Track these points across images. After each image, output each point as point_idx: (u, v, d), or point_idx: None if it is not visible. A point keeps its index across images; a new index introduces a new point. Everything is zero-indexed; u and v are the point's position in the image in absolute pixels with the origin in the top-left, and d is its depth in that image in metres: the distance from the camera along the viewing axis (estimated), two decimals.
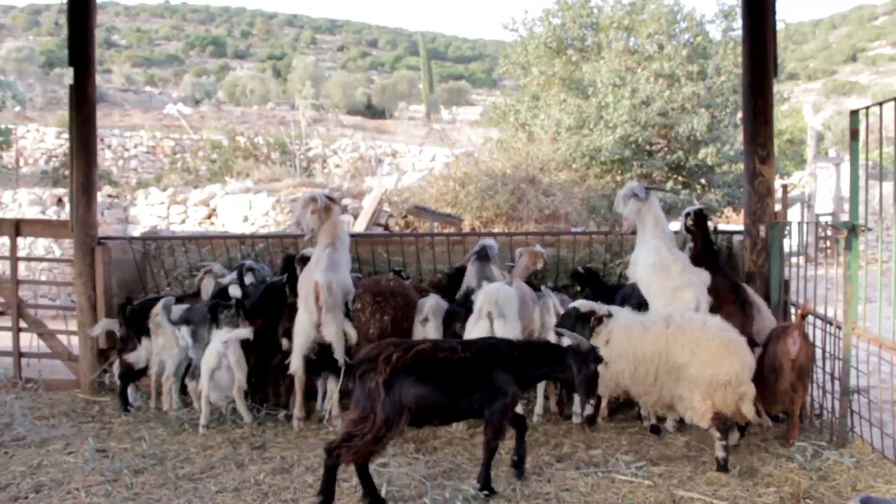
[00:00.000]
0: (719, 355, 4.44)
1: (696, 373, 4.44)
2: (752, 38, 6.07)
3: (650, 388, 4.63)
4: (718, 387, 4.39)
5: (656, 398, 4.69)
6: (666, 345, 4.56)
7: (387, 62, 76.56)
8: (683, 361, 4.49)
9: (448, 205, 14.61)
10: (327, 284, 5.27)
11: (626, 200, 5.68)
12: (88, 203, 6.64)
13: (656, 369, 4.58)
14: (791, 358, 4.70)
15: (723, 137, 18.42)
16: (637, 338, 4.66)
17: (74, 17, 6.55)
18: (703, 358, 4.45)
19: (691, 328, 4.58)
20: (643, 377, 4.61)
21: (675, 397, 4.58)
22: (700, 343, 4.50)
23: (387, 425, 3.68)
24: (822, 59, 74.29)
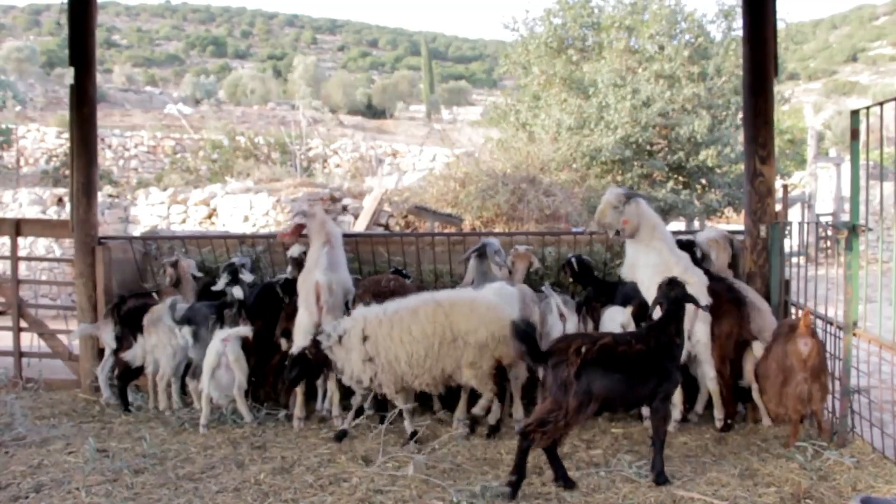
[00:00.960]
0: (500, 315, 4.83)
1: (485, 335, 4.79)
2: (753, 39, 6.06)
3: (433, 364, 4.82)
4: (507, 341, 4.62)
5: (437, 373, 4.86)
6: (446, 318, 4.81)
7: (387, 62, 76.66)
8: (470, 328, 4.79)
9: (448, 205, 14.62)
10: (328, 284, 5.28)
11: (618, 206, 5.61)
12: (89, 203, 6.64)
13: (439, 344, 4.78)
14: (802, 358, 4.69)
15: (723, 138, 18.42)
16: (409, 320, 4.82)
17: (75, 17, 6.55)
18: (488, 318, 4.81)
19: (463, 298, 4.97)
20: (424, 355, 4.79)
21: (464, 365, 4.83)
22: (479, 308, 4.87)
23: (577, 412, 3.96)
24: (822, 59, 74.32)
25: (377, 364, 4.82)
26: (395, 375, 4.86)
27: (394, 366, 4.82)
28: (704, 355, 5.21)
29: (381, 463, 4.49)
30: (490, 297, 5.09)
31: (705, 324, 5.18)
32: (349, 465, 4.50)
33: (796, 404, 4.73)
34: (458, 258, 6.84)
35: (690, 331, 5.13)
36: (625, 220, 5.60)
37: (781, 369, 4.75)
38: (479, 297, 5.04)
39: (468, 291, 5.20)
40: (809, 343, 4.67)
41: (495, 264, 5.93)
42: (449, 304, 4.90)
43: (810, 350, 4.67)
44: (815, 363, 4.69)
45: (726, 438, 5.05)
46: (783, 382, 4.74)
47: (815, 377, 4.69)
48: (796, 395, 4.70)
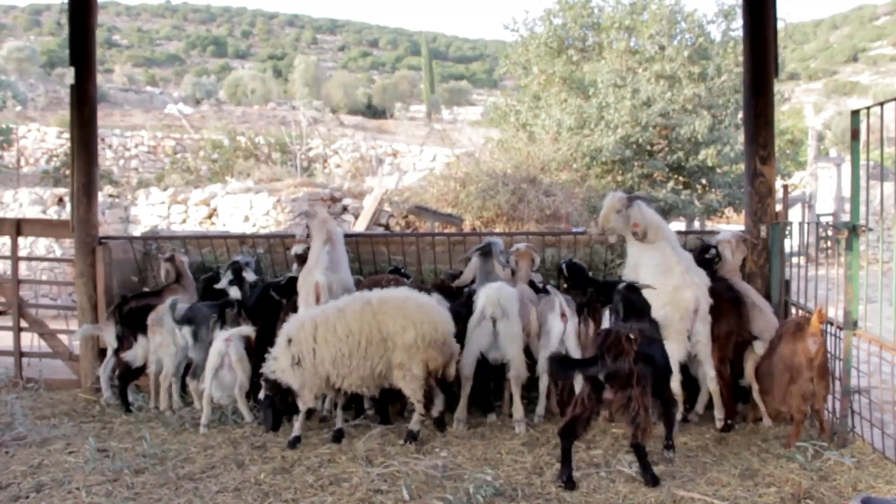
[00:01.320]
0: (431, 317, 4.77)
1: (413, 337, 4.70)
2: (753, 39, 6.07)
3: (360, 364, 4.78)
4: (437, 347, 4.74)
5: (365, 373, 4.82)
6: (374, 317, 4.74)
7: (388, 62, 76.67)
8: (398, 329, 4.72)
9: (449, 205, 14.62)
10: (328, 285, 5.28)
11: (621, 210, 5.59)
12: (89, 203, 6.65)
13: (366, 345, 4.73)
14: (810, 357, 4.68)
15: (723, 138, 18.41)
16: (335, 320, 4.78)
17: (75, 17, 6.55)
18: (418, 320, 4.72)
19: (395, 298, 4.86)
20: (350, 356, 4.75)
21: (393, 366, 4.78)
22: (409, 308, 4.77)
23: (643, 395, 4.07)
24: (822, 59, 74.31)
25: (304, 367, 4.81)
26: (321, 378, 4.83)
27: (319, 368, 4.79)
28: (704, 355, 5.21)
29: (381, 462, 4.49)
30: (424, 297, 4.98)
31: (705, 324, 5.17)
32: (349, 465, 4.50)
33: (800, 403, 4.73)
34: (459, 258, 6.85)
35: (690, 331, 5.14)
36: (635, 224, 5.58)
37: (788, 368, 4.74)
38: (412, 296, 4.92)
39: (401, 290, 5.05)
40: (818, 342, 4.68)
41: (500, 264, 5.93)
42: (378, 303, 4.83)
43: (819, 349, 4.67)
44: (821, 362, 4.70)
45: (727, 438, 5.04)
46: (790, 381, 4.74)
47: (820, 376, 4.70)
48: (801, 393, 4.71)
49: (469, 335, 5.27)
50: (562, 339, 5.40)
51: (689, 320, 5.12)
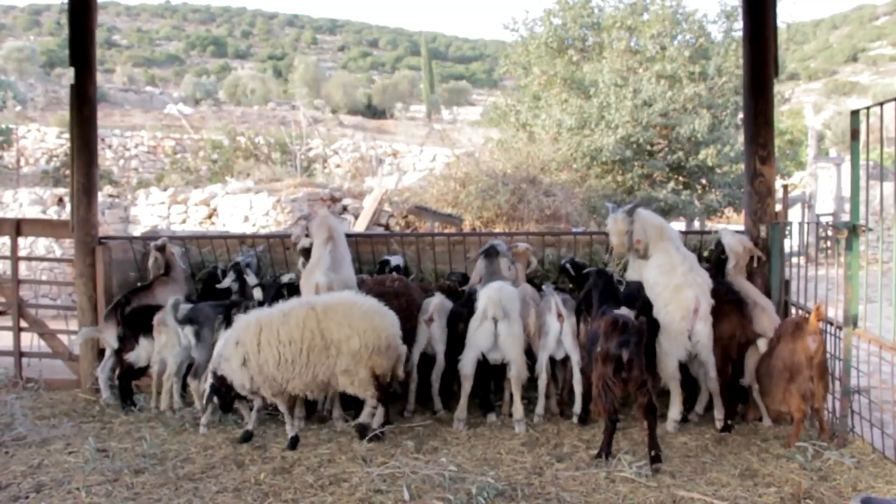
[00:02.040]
0: (375, 323, 4.75)
1: (357, 344, 4.69)
2: (753, 39, 6.07)
3: (301, 370, 4.77)
4: (381, 353, 4.74)
5: (309, 379, 4.80)
6: (318, 324, 4.72)
7: (387, 62, 76.66)
8: (342, 336, 4.70)
9: (449, 205, 14.62)
10: (328, 286, 5.26)
11: (630, 229, 5.58)
12: (89, 203, 6.65)
13: (308, 350, 4.71)
14: (810, 356, 4.68)
15: (724, 138, 18.41)
16: (277, 324, 4.78)
17: (75, 17, 6.55)
18: (362, 328, 4.70)
19: (339, 304, 4.82)
20: (292, 361, 4.74)
21: (338, 372, 4.76)
22: (354, 316, 4.75)
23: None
24: (822, 59, 74.30)
25: (250, 368, 4.82)
26: (268, 379, 4.84)
27: (264, 370, 4.80)
28: (706, 355, 5.20)
29: (381, 463, 4.49)
30: (371, 303, 4.92)
31: (706, 324, 5.17)
32: (349, 465, 4.50)
33: (800, 402, 4.73)
34: (459, 258, 6.85)
35: (691, 331, 5.13)
36: (637, 241, 5.59)
37: (787, 367, 4.74)
38: (358, 303, 4.88)
39: (347, 296, 5.01)
40: (818, 340, 4.68)
41: (507, 264, 5.95)
42: (322, 309, 4.80)
43: (818, 347, 4.68)
44: (820, 361, 4.71)
45: (726, 438, 5.04)
46: (789, 380, 4.74)
47: (820, 375, 4.71)
48: (801, 392, 4.70)
49: (470, 335, 5.28)
50: (559, 338, 5.40)
51: (690, 320, 5.12)
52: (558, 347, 5.44)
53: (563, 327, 5.39)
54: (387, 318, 4.87)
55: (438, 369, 5.63)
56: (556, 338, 5.41)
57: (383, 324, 4.80)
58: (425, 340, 5.63)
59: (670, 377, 5.20)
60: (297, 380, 4.81)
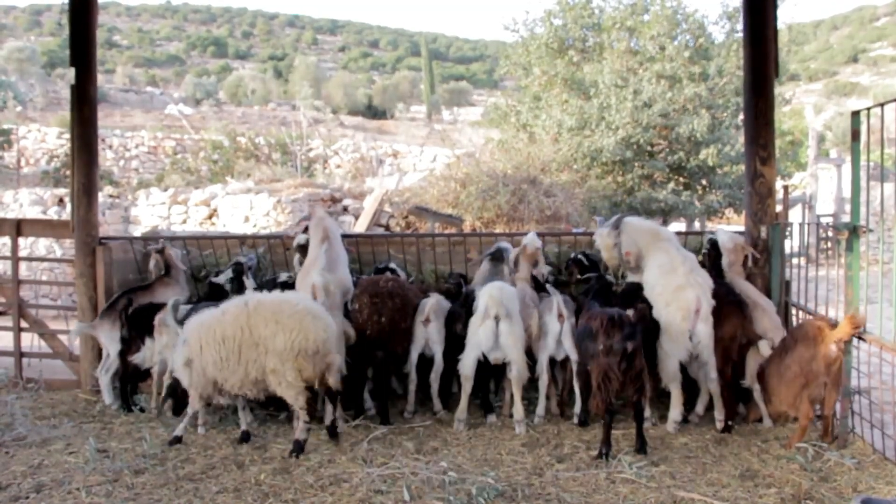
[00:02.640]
0: (304, 324, 4.62)
1: (283, 343, 4.59)
2: (753, 39, 6.07)
3: (235, 367, 4.74)
4: (308, 356, 4.61)
5: (242, 377, 4.76)
6: (247, 320, 4.69)
7: (388, 63, 76.69)
8: (268, 333, 4.64)
9: (449, 205, 14.61)
10: (324, 286, 5.26)
11: (616, 242, 5.62)
12: (89, 203, 6.64)
13: (239, 347, 4.69)
14: (830, 363, 4.63)
15: (724, 138, 18.42)
16: (215, 324, 4.77)
17: (76, 18, 6.55)
18: (289, 327, 4.61)
19: (271, 302, 4.77)
20: (227, 358, 4.72)
21: (266, 371, 4.70)
22: (283, 314, 4.66)
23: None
24: (823, 60, 74.30)
25: (193, 367, 4.84)
26: (207, 379, 4.84)
27: (205, 369, 4.81)
28: (706, 356, 5.19)
29: (381, 463, 4.49)
30: (306, 305, 4.82)
31: (707, 324, 5.16)
32: (349, 466, 4.50)
33: (809, 409, 4.69)
34: (459, 259, 6.85)
35: (692, 331, 5.13)
36: (627, 253, 5.61)
37: (804, 372, 4.67)
38: (290, 303, 4.79)
39: (283, 295, 4.95)
40: (840, 347, 4.61)
41: (509, 269, 5.97)
42: (253, 307, 4.76)
43: (839, 354, 4.62)
44: (838, 368, 4.64)
45: (727, 439, 5.04)
46: (803, 385, 4.68)
47: (835, 382, 4.64)
48: (812, 398, 4.67)
49: (471, 335, 5.28)
50: (559, 339, 5.40)
51: (691, 320, 5.12)
52: (558, 348, 5.44)
53: (564, 328, 5.39)
54: (320, 322, 4.74)
55: (437, 370, 5.62)
56: (556, 338, 5.40)
57: (314, 327, 4.68)
58: (423, 341, 5.62)
59: (671, 378, 5.20)
60: (232, 378, 4.79)
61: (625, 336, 4.58)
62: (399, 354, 5.57)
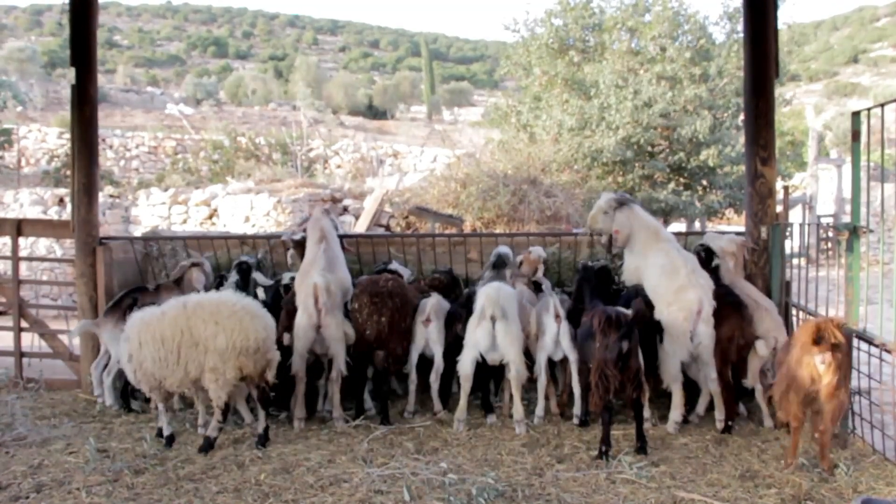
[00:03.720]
0: (244, 324, 4.72)
1: (224, 343, 4.68)
2: (754, 40, 6.07)
3: (175, 367, 4.81)
4: (249, 354, 4.71)
5: (182, 376, 4.83)
6: (187, 322, 4.76)
7: (388, 63, 76.69)
8: (209, 334, 4.72)
9: (449, 205, 14.62)
10: (325, 286, 5.26)
11: (608, 211, 5.66)
12: (90, 203, 6.65)
13: (178, 348, 4.76)
14: (817, 374, 4.55)
15: (724, 139, 18.42)
16: (154, 323, 4.83)
17: (76, 18, 6.56)
18: (229, 327, 4.70)
19: (210, 303, 4.86)
20: (165, 358, 4.79)
21: (204, 370, 4.77)
22: (222, 314, 4.74)
23: None
24: (823, 60, 74.28)
25: (133, 363, 4.91)
26: (147, 375, 4.91)
27: (144, 366, 4.87)
28: (707, 357, 5.20)
29: (381, 463, 4.49)
30: (244, 304, 4.88)
31: (708, 325, 5.16)
32: (350, 466, 4.50)
33: (796, 416, 4.61)
34: (460, 259, 6.86)
35: (693, 332, 5.13)
36: (616, 230, 5.62)
37: (788, 375, 4.62)
38: (229, 302, 4.86)
39: (221, 295, 5.06)
40: (826, 360, 4.29)
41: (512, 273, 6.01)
42: (192, 307, 4.84)
43: (829, 367, 4.43)
44: (831, 381, 4.32)
45: (727, 440, 5.04)
46: (788, 387, 4.64)
47: (829, 396, 4.47)
48: (803, 404, 4.61)
49: (469, 335, 5.28)
50: (556, 339, 5.41)
51: (693, 321, 5.12)
52: (556, 348, 5.44)
53: (561, 328, 5.39)
54: (258, 321, 4.82)
55: (437, 370, 5.63)
56: (554, 339, 5.41)
57: (253, 325, 4.76)
58: (423, 341, 5.63)
59: (673, 379, 5.20)
60: (171, 377, 4.85)
61: (621, 336, 4.60)
62: (399, 354, 5.57)
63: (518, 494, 4.04)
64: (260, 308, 4.93)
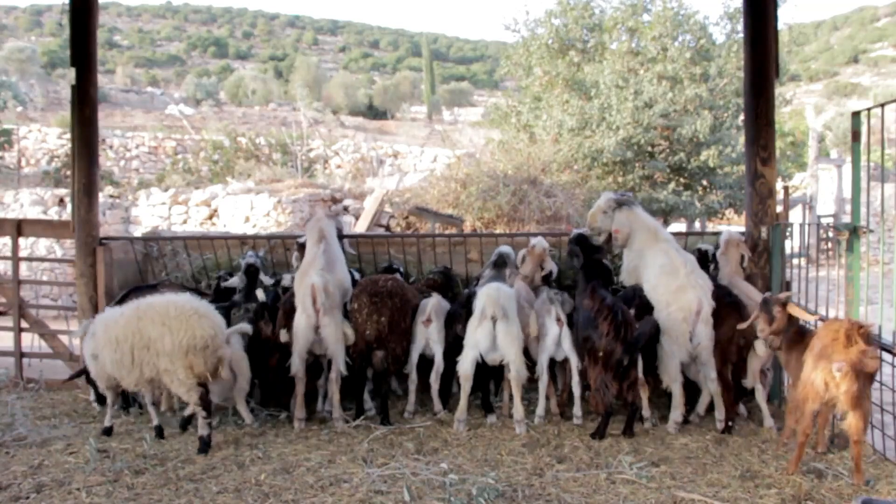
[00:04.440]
0: (190, 323, 4.78)
1: (171, 344, 4.76)
2: (754, 40, 6.07)
3: (130, 368, 4.91)
4: (197, 352, 4.77)
5: (138, 376, 4.94)
6: (138, 324, 4.86)
7: (388, 63, 76.71)
8: (157, 335, 4.80)
9: (449, 206, 14.62)
10: (324, 286, 5.25)
11: (607, 211, 5.69)
12: (90, 203, 6.65)
13: (132, 350, 4.86)
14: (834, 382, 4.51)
15: (725, 139, 18.43)
16: (112, 325, 4.95)
17: (76, 18, 6.56)
18: (175, 328, 4.77)
19: (159, 304, 4.94)
20: (121, 360, 4.90)
21: (159, 371, 4.87)
22: (169, 315, 4.81)
23: None
24: (823, 60, 74.28)
25: (98, 362, 5.04)
26: (107, 374, 5.05)
27: (105, 366, 4.99)
28: (706, 357, 5.20)
29: (381, 463, 4.49)
30: (191, 304, 4.94)
31: (707, 325, 5.16)
32: (350, 466, 4.50)
33: (806, 423, 4.56)
34: (460, 259, 6.86)
35: (693, 332, 5.13)
36: (616, 230, 5.64)
37: (805, 381, 4.57)
38: (175, 304, 4.92)
39: (170, 297, 5.09)
40: (842, 369, 4.10)
41: (512, 273, 5.98)
42: (143, 309, 4.91)
43: (845, 376, 4.36)
44: (851, 390, 4.11)
45: (727, 440, 5.04)
46: (804, 399, 4.59)
47: (853, 405, 4.20)
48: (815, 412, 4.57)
49: (469, 336, 5.28)
50: (558, 341, 5.41)
51: (692, 321, 5.12)
52: (557, 349, 5.44)
53: (563, 330, 5.40)
54: (205, 320, 4.87)
55: (437, 370, 5.63)
56: (556, 340, 5.41)
57: (200, 324, 4.81)
58: (423, 341, 5.63)
59: (672, 379, 5.20)
60: (128, 378, 4.96)
61: (625, 350, 4.87)
62: (398, 354, 5.57)
63: (518, 494, 4.04)
64: (208, 307, 5.00)
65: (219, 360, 4.90)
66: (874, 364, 4.05)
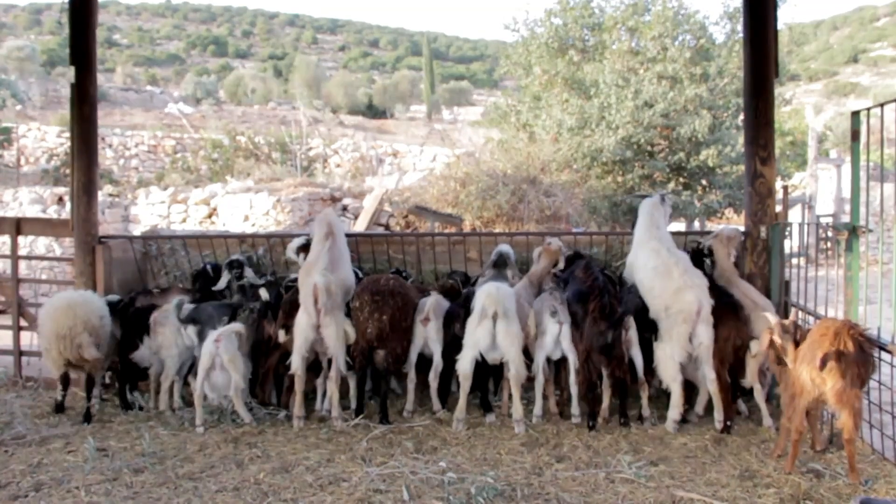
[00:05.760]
0: (58, 313, 5.49)
1: (49, 330, 5.49)
2: (754, 40, 6.07)
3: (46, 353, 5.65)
4: (60, 339, 5.44)
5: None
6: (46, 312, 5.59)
7: (388, 62, 76.67)
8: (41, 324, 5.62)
9: (449, 205, 14.63)
10: (326, 287, 5.24)
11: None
12: (89, 202, 6.64)
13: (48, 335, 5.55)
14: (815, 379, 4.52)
15: (724, 139, 18.43)
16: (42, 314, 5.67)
17: (76, 17, 6.55)
18: (53, 317, 5.50)
19: (55, 298, 5.73)
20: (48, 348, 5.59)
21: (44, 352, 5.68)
22: (49, 307, 5.60)
23: None
24: (823, 60, 74.29)
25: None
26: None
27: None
28: (706, 357, 5.19)
29: (380, 462, 4.49)
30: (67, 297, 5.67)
31: (707, 325, 5.16)
32: (349, 465, 4.50)
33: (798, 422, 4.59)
34: (459, 258, 6.86)
35: (692, 333, 5.13)
36: None
37: (794, 379, 4.60)
38: (60, 296, 5.70)
39: (68, 292, 5.85)
40: (832, 368, 4.15)
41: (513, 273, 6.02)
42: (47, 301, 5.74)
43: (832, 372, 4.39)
44: (838, 387, 4.14)
45: (726, 439, 5.04)
46: (795, 394, 4.61)
47: (842, 403, 4.23)
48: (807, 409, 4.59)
49: (469, 335, 5.28)
50: (557, 340, 5.40)
51: (692, 322, 5.11)
52: (555, 348, 5.44)
53: (562, 329, 5.39)
54: (70, 311, 5.48)
55: (436, 369, 5.62)
56: (555, 339, 5.41)
57: (65, 315, 5.46)
58: (422, 340, 5.62)
59: (672, 379, 5.19)
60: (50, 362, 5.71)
61: (610, 325, 5.16)
62: (399, 353, 5.57)
63: (517, 493, 4.04)
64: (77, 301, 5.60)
65: (78, 346, 5.45)
66: (865, 363, 4.08)
